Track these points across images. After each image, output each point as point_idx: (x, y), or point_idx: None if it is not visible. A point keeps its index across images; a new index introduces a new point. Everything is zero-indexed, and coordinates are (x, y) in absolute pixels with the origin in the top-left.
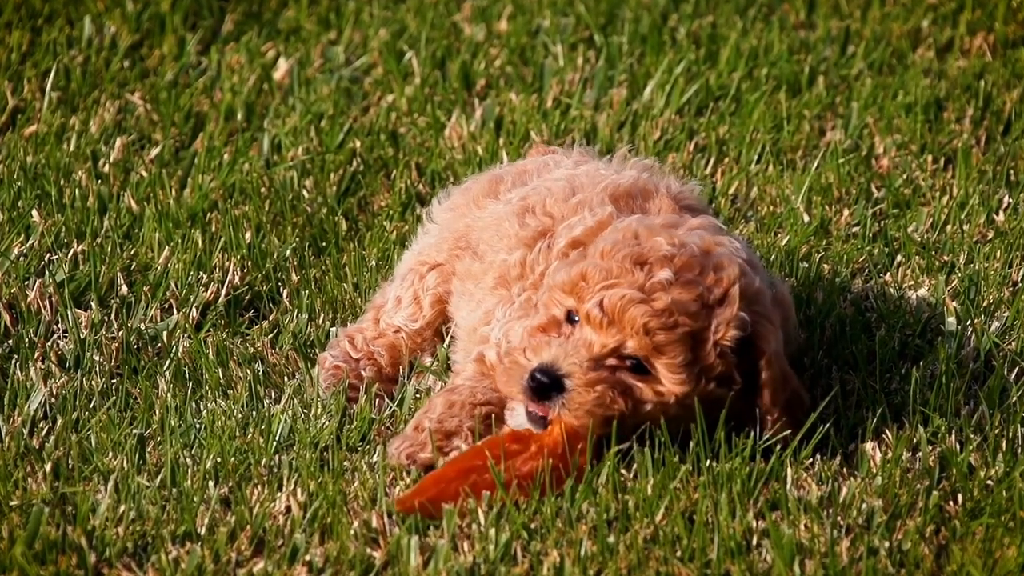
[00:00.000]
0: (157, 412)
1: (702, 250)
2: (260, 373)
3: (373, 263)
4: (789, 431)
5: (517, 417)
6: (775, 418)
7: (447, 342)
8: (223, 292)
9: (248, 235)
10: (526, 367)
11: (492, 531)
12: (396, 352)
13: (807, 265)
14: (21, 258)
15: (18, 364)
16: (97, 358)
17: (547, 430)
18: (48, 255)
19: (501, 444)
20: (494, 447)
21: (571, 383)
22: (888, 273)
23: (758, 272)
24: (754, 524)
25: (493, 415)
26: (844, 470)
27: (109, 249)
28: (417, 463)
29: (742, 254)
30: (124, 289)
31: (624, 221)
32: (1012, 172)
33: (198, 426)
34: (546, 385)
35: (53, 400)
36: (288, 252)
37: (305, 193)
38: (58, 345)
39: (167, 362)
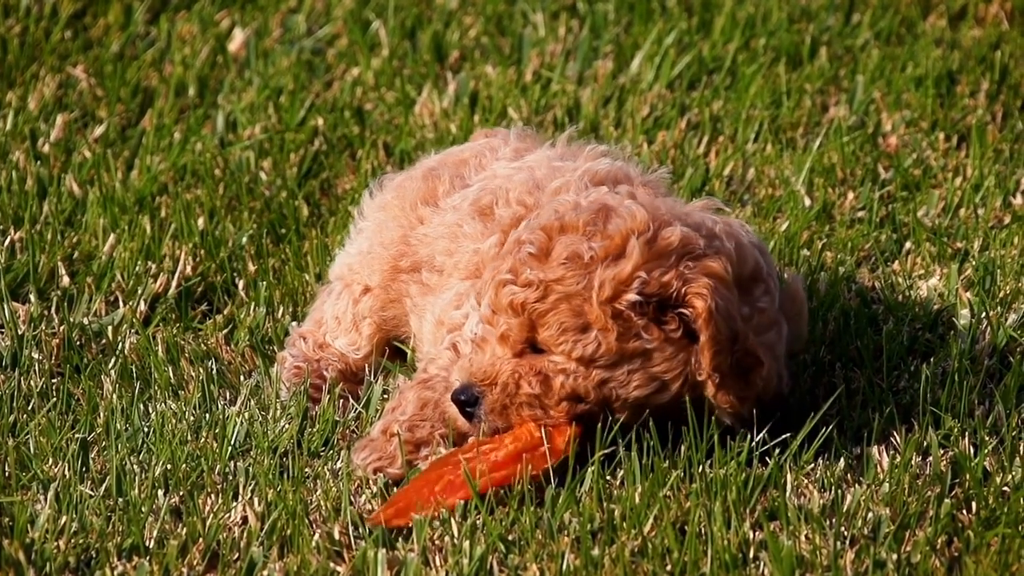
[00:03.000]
0: (101, 415)
1: (603, 207)
2: (214, 372)
3: (337, 252)
4: (742, 403)
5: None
6: (717, 383)
7: (409, 353)
8: (173, 283)
9: (201, 221)
10: (450, 390)
11: (466, 544)
12: (347, 361)
13: (808, 253)
14: None
15: None
16: (36, 356)
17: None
18: None
19: (471, 448)
20: (462, 452)
21: (479, 388)
22: (896, 261)
23: (728, 248)
24: (751, 535)
25: None
26: (848, 476)
27: (49, 237)
28: (385, 476)
29: (750, 237)
30: (65, 280)
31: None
32: None
33: (146, 430)
34: (467, 402)
35: None
36: (244, 240)
37: (263, 175)
38: None
39: (112, 360)
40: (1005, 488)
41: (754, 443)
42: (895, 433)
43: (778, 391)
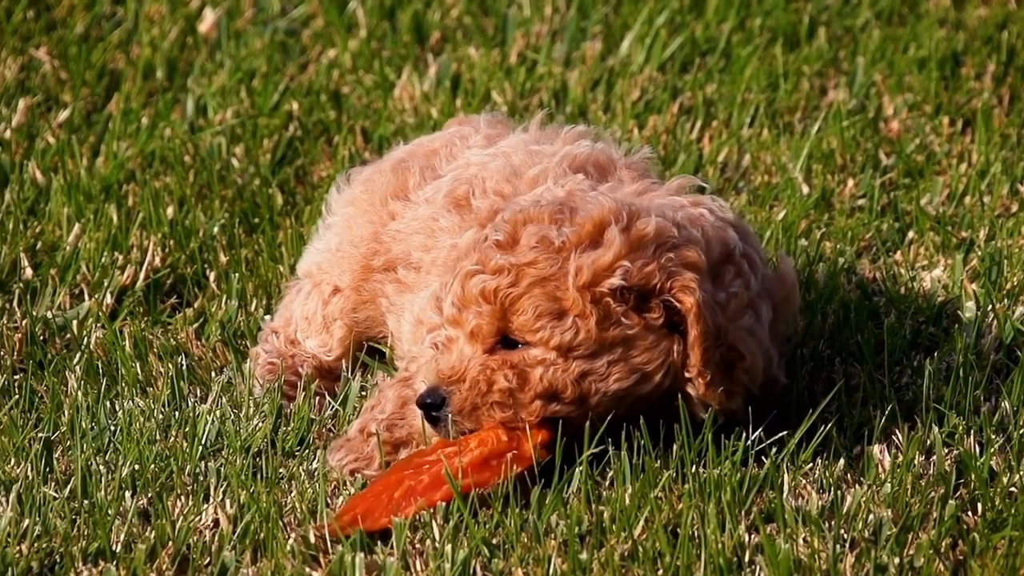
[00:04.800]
0: (66, 413)
1: (564, 203)
2: (183, 368)
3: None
4: (730, 398)
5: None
6: (708, 380)
7: (388, 351)
8: (141, 275)
9: (170, 210)
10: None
11: (448, 547)
12: (320, 360)
13: (806, 243)
14: None
15: None
16: None
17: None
18: None
19: (433, 451)
20: (424, 455)
21: (446, 389)
22: (898, 252)
23: (711, 235)
24: (746, 538)
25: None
26: (848, 476)
27: (11, 226)
28: (363, 478)
29: (723, 214)
30: (28, 272)
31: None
32: None
33: (113, 429)
34: (432, 405)
35: None
36: (216, 229)
37: (235, 162)
38: None
39: (77, 355)
40: (1012, 489)
41: (749, 442)
42: (897, 431)
43: (771, 375)
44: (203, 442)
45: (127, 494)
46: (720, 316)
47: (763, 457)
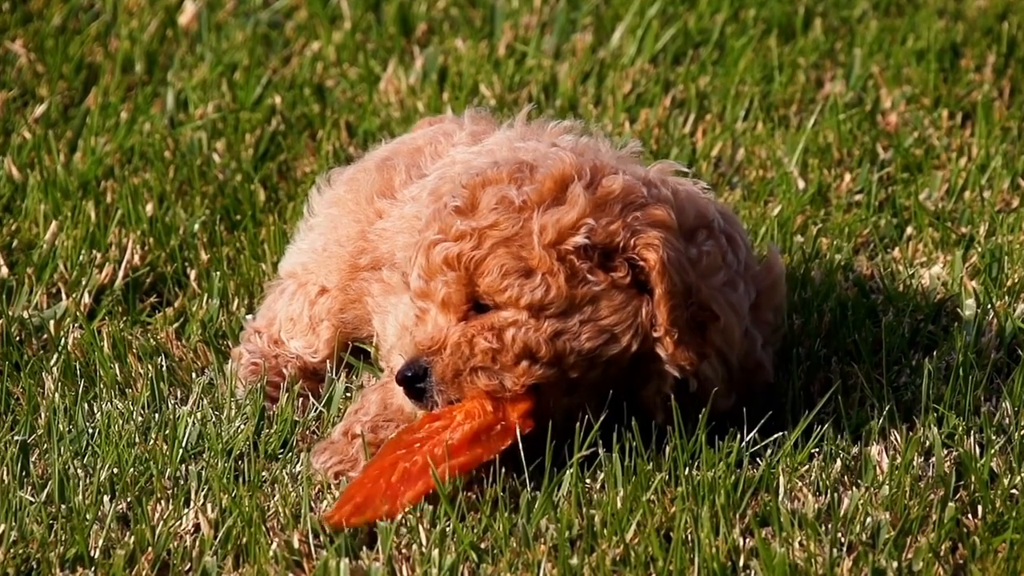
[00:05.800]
0: (43, 415)
1: (523, 161)
2: (163, 369)
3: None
4: (701, 359)
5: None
6: (676, 339)
7: (372, 351)
8: (120, 274)
9: (150, 207)
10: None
11: (435, 552)
12: (305, 361)
13: (802, 239)
14: None
15: None
16: None
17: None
18: None
19: (421, 426)
20: (412, 432)
21: (427, 359)
22: (897, 248)
23: (692, 214)
24: (741, 542)
25: None
26: (845, 478)
27: None
28: (347, 481)
29: (707, 196)
30: (4, 271)
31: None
32: None
33: (91, 431)
34: (415, 377)
35: None
36: (196, 227)
37: (216, 157)
38: None
39: (55, 356)
40: (1013, 491)
41: (744, 443)
42: (895, 432)
43: (755, 358)
44: (183, 445)
45: (105, 498)
46: (690, 274)
47: (758, 459)
